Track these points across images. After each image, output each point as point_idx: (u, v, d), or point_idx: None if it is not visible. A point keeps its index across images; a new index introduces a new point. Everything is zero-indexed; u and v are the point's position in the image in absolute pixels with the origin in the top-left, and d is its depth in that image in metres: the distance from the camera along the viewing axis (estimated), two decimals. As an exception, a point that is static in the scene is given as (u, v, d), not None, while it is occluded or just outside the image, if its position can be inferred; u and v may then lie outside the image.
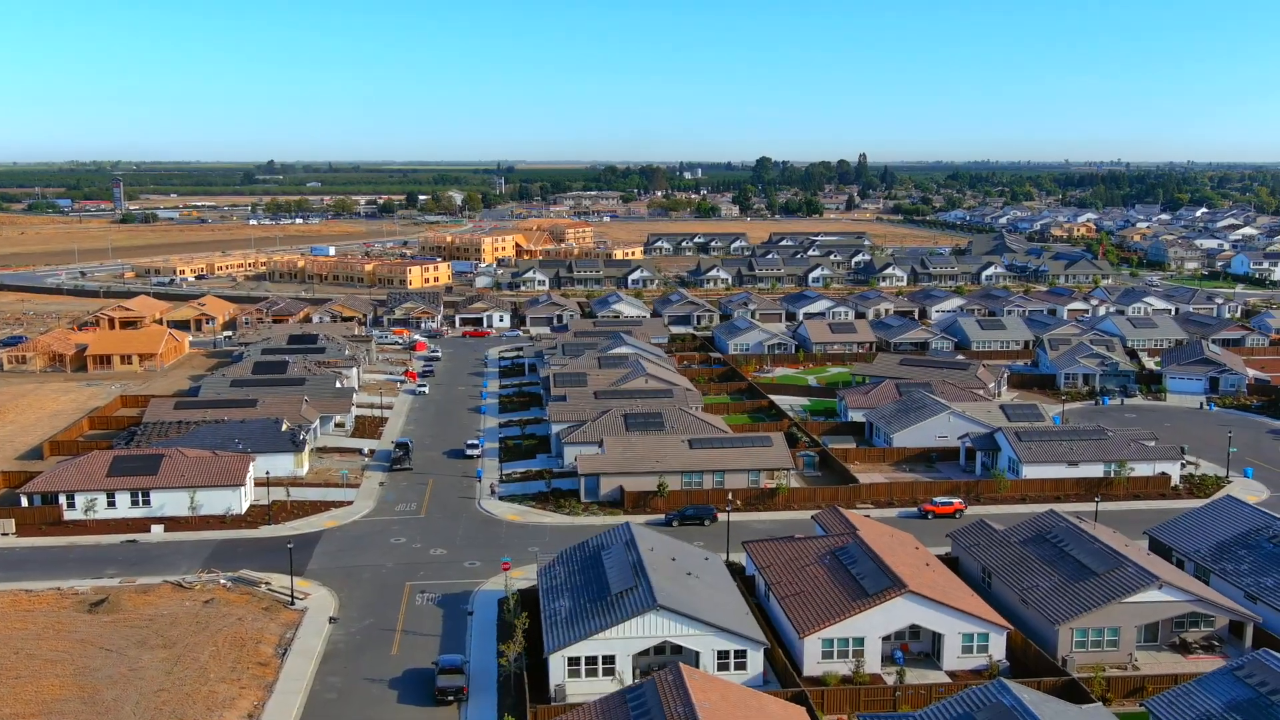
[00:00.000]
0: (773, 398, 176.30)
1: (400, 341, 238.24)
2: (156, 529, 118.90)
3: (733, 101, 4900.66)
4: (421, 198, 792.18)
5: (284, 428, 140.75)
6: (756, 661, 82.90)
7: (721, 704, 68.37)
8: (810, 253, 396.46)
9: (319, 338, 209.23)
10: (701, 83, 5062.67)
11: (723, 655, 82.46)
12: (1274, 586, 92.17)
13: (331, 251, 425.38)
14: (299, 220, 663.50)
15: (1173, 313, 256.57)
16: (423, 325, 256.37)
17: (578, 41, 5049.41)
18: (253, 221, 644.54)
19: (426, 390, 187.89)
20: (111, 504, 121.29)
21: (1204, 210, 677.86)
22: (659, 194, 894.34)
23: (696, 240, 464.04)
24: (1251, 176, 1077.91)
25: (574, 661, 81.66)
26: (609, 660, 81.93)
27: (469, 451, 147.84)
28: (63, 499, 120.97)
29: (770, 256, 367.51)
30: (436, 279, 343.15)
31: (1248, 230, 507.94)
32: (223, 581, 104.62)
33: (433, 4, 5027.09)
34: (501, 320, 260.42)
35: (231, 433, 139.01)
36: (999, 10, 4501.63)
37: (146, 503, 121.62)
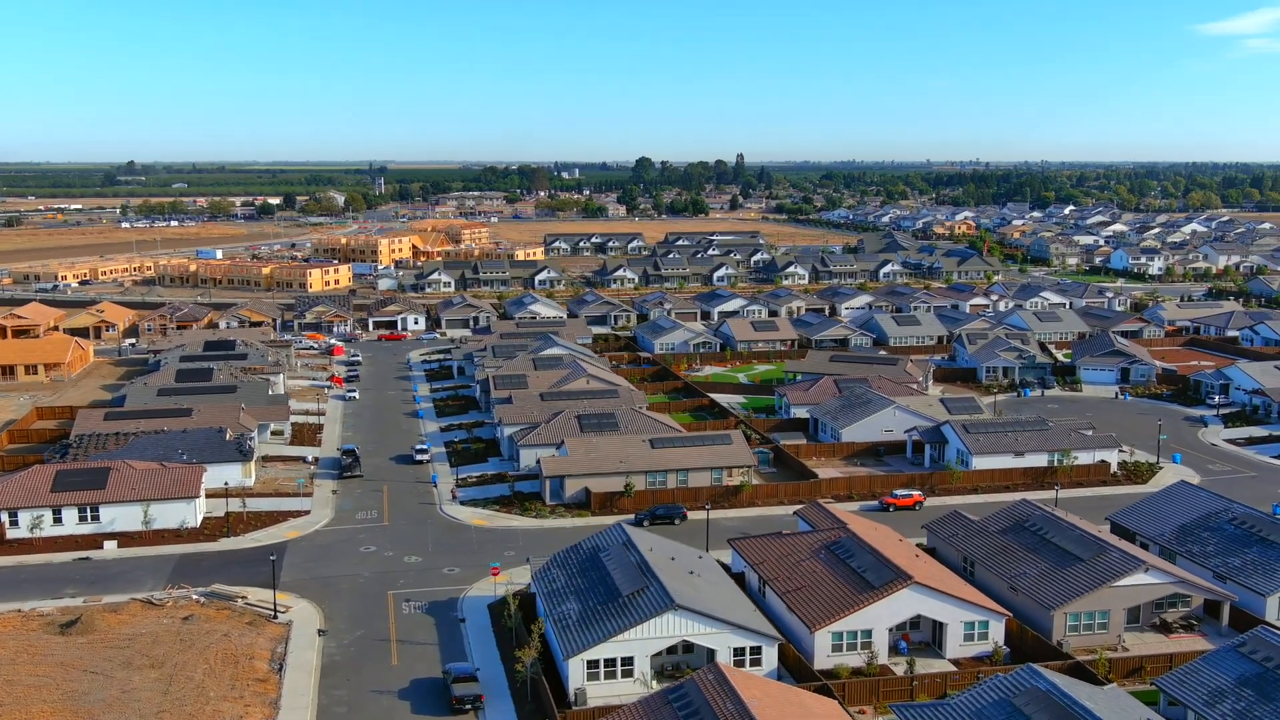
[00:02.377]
0: (710, 396, 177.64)
1: (316, 346, 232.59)
2: (109, 545, 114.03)
3: (605, 101, 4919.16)
4: (300, 199, 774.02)
5: (228, 437, 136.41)
6: (771, 657, 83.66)
7: (766, 700, 68.89)
8: (710, 252, 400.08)
9: (237, 343, 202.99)
10: (573, 82, 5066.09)
11: (739, 652, 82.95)
12: (1242, 566, 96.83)
13: (219, 255, 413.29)
14: (174, 223, 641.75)
15: (1068, 306, 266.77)
16: (335, 329, 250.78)
17: (444, 38, 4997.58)
18: (125, 224, 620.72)
19: (357, 395, 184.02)
20: (58, 520, 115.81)
21: (1072, 208, 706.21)
22: (543, 194, 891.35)
23: (594, 240, 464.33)
24: (1106, 175, 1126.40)
25: (592, 665, 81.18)
26: (628, 662, 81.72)
27: (417, 456, 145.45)
28: (4, 516, 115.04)
29: (672, 256, 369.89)
30: (337, 281, 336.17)
31: (1118, 227, 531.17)
32: (195, 597, 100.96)
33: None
34: (417, 323, 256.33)
35: (173, 443, 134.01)
36: (858, 11, 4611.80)
37: (96, 518, 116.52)
